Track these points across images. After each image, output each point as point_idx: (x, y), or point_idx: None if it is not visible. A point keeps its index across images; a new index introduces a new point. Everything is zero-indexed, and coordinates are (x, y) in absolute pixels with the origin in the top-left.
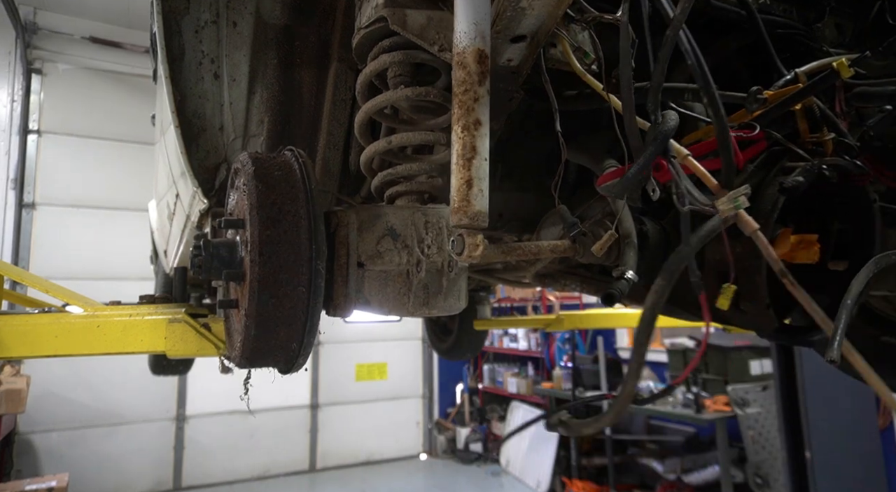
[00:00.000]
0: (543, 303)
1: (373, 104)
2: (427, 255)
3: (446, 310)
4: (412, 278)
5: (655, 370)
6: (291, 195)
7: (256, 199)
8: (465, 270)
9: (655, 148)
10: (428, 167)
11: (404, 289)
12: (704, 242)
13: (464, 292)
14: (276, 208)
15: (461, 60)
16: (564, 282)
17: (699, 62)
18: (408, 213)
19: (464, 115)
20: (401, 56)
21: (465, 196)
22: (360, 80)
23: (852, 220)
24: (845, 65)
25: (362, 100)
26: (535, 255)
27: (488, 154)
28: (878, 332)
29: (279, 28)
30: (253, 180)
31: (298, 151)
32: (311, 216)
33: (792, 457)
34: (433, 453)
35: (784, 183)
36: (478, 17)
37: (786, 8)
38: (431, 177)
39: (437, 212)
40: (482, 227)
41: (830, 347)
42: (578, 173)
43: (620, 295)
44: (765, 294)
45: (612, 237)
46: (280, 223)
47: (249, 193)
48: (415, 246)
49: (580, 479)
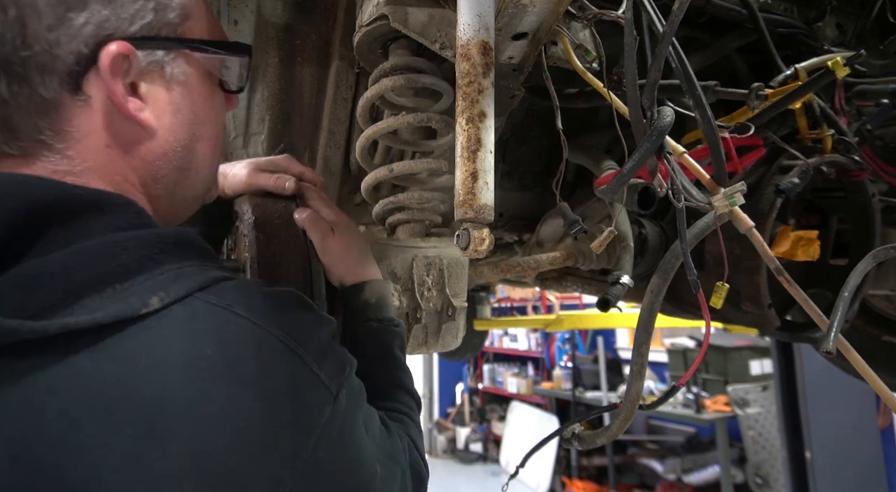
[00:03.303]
0: (543, 303)
1: (373, 131)
2: (427, 298)
3: (443, 348)
4: (411, 321)
5: (655, 370)
6: (291, 245)
7: (256, 250)
8: (464, 311)
9: (651, 145)
10: (430, 196)
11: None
12: (699, 239)
13: (461, 331)
14: (276, 259)
15: (465, 52)
16: (565, 283)
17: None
18: (409, 255)
19: (468, 106)
20: (402, 81)
21: (471, 189)
22: (361, 103)
23: (852, 216)
24: (840, 63)
25: (364, 123)
26: (534, 269)
27: (493, 147)
28: (879, 331)
29: (280, 26)
30: (253, 231)
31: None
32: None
33: (792, 457)
34: (433, 453)
35: (780, 184)
36: (481, 10)
37: (787, 7)
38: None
39: (440, 251)
40: (488, 220)
41: (826, 338)
42: (577, 174)
43: (615, 300)
44: (766, 293)
45: (612, 234)
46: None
47: (249, 245)
48: (415, 290)
49: (580, 479)
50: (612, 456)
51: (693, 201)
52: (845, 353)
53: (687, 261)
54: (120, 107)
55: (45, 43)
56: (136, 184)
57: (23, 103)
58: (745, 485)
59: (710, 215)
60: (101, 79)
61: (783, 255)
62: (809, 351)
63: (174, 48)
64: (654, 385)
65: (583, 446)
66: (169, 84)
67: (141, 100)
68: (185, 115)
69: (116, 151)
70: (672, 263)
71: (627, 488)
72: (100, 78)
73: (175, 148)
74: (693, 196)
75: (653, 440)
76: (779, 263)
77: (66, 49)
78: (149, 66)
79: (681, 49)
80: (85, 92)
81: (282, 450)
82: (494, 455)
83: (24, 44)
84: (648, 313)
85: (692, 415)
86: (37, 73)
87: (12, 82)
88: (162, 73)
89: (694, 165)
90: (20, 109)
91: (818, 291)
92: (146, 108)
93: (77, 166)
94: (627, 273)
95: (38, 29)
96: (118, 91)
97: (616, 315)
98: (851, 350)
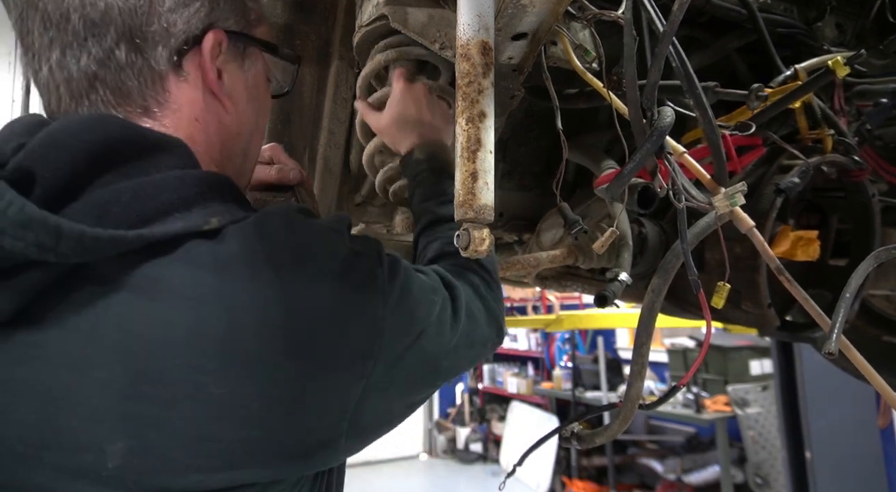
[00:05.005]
0: (543, 303)
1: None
2: None
3: None
4: None
5: (656, 370)
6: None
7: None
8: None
9: (651, 145)
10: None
11: None
12: (699, 239)
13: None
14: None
15: (465, 52)
16: (565, 283)
17: (682, 61)
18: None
19: (468, 107)
20: (395, 54)
21: (471, 189)
22: (359, 82)
23: (852, 216)
24: (840, 63)
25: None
26: (534, 267)
27: (493, 147)
28: (879, 331)
29: (280, 26)
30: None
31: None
32: None
33: (792, 457)
34: (433, 454)
35: (780, 184)
36: (481, 9)
37: (786, 7)
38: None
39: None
40: (488, 221)
41: (828, 340)
42: (577, 174)
43: (613, 297)
44: (766, 293)
45: (614, 235)
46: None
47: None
48: None
49: (580, 479)
50: (612, 456)
51: (694, 202)
52: (847, 353)
53: (688, 261)
54: (211, 85)
55: (165, 21)
56: (215, 157)
57: (136, 72)
58: (745, 485)
59: (711, 215)
60: (199, 59)
61: (783, 255)
62: (809, 351)
63: (251, 45)
64: (654, 385)
65: (582, 446)
66: (245, 75)
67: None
68: (254, 104)
69: (202, 124)
70: (673, 263)
71: (627, 488)
72: (198, 59)
73: (246, 131)
74: (693, 197)
75: (653, 440)
76: (779, 262)
77: (180, 28)
78: (233, 56)
79: (681, 49)
80: (185, 69)
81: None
82: (494, 455)
83: (149, 20)
84: (649, 313)
85: (692, 415)
86: (152, 46)
87: (130, 51)
88: (241, 64)
89: (694, 165)
90: (133, 77)
91: (818, 291)
92: (229, 89)
93: (170, 132)
94: (626, 270)
95: (162, 10)
96: (211, 71)
97: (616, 315)
98: (854, 351)
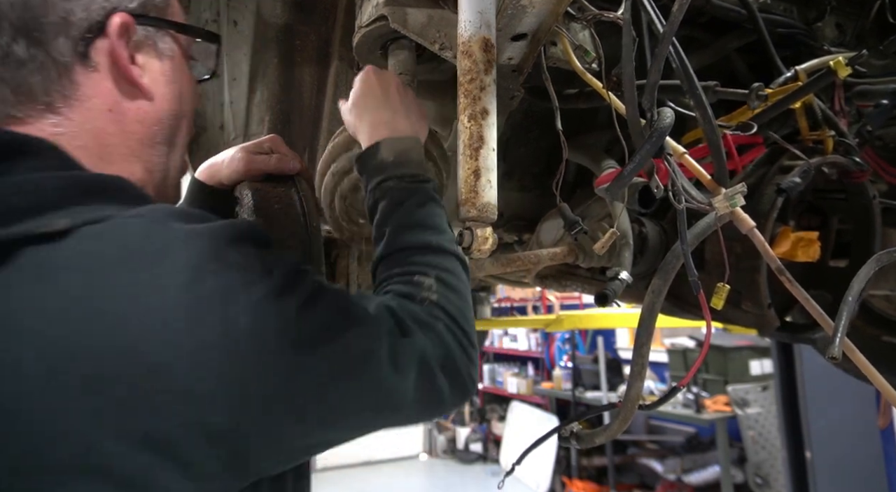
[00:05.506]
0: (543, 303)
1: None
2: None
3: None
4: None
5: (655, 370)
6: (291, 230)
7: None
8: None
9: (651, 146)
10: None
11: None
12: (700, 240)
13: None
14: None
15: (466, 50)
16: (565, 283)
17: (682, 61)
18: None
19: (470, 104)
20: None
21: (473, 187)
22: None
23: (852, 217)
24: (842, 63)
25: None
26: (535, 264)
27: (496, 144)
28: (879, 331)
29: (280, 27)
30: (253, 216)
31: (300, 182)
32: (310, 250)
33: (792, 457)
34: (433, 454)
35: (781, 184)
36: (482, 7)
37: (786, 7)
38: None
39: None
40: (491, 219)
41: (832, 344)
42: (577, 174)
43: (614, 295)
44: (766, 294)
45: (614, 235)
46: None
47: None
48: None
49: (580, 479)
50: (612, 456)
51: (694, 203)
52: (850, 355)
53: (688, 262)
54: (124, 70)
55: (63, 11)
56: (135, 148)
57: (38, 66)
58: (745, 485)
59: (711, 216)
60: (107, 46)
61: (783, 255)
62: (809, 351)
63: (162, 27)
64: (654, 385)
65: (581, 445)
66: (161, 57)
67: (139, 68)
68: (176, 88)
69: (117, 115)
70: (673, 264)
71: (627, 488)
72: (106, 46)
73: (169, 116)
74: (694, 197)
75: (653, 440)
76: (780, 263)
77: (80, 17)
78: (144, 40)
79: (681, 49)
80: (93, 59)
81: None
82: (494, 455)
83: (44, 11)
84: (649, 313)
85: (692, 415)
86: (52, 37)
87: (30, 45)
88: (155, 47)
89: (695, 165)
90: (35, 72)
91: (818, 292)
92: (145, 75)
93: (76, 128)
94: (626, 269)
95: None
96: (123, 57)
97: (616, 315)
98: (858, 354)
